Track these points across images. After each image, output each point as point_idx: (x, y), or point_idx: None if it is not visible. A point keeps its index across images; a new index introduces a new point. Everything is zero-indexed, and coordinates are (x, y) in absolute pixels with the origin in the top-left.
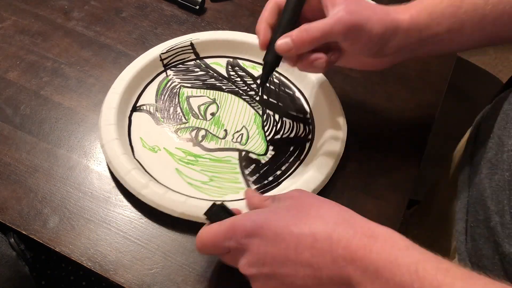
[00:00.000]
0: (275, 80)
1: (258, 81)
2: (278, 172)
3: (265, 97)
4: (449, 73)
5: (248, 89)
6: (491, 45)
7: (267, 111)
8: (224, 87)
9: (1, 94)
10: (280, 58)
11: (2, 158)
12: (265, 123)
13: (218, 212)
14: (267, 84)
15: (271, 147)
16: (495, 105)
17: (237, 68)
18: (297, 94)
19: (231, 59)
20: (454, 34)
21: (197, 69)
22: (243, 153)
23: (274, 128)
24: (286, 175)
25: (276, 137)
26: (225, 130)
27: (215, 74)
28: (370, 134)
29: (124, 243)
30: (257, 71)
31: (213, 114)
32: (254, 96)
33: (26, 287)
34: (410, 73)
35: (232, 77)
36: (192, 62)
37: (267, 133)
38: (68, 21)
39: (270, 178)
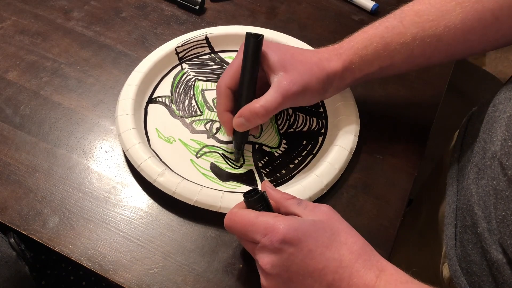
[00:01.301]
0: None
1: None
2: (291, 166)
3: None
4: (449, 73)
5: None
6: (422, 68)
7: None
8: None
9: (1, 94)
10: (246, 135)
11: (2, 158)
12: (278, 117)
13: (258, 199)
14: None
15: (284, 141)
16: (482, 107)
17: None
18: None
19: None
20: (385, 69)
21: (212, 63)
22: (257, 145)
23: (288, 121)
24: (299, 168)
25: (289, 130)
26: None
27: None
28: (370, 134)
29: (123, 243)
30: None
31: None
32: None
33: (26, 287)
34: (410, 73)
35: None
36: (207, 56)
37: (280, 127)
38: (68, 21)
39: (283, 171)
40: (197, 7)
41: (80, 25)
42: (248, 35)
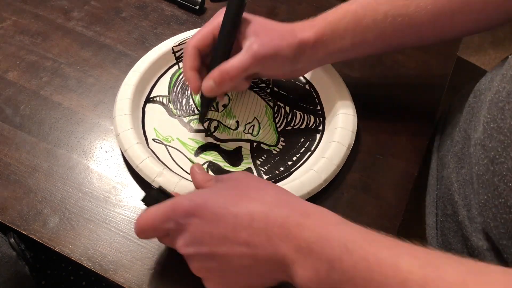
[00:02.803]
0: None
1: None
2: (289, 163)
3: (275, 89)
4: (449, 73)
5: (259, 81)
6: (395, 51)
7: (278, 103)
8: None
9: (1, 94)
10: (215, 97)
11: (2, 158)
12: (276, 115)
13: (156, 196)
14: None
15: (282, 138)
16: (462, 98)
17: None
18: (307, 86)
19: None
20: (358, 46)
21: None
22: (255, 144)
23: (285, 119)
24: (297, 165)
25: (287, 128)
26: (237, 121)
27: None
28: (370, 134)
29: (124, 243)
30: None
31: (225, 106)
32: (265, 89)
33: (26, 287)
34: (410, 73)
35: None
36: None
37: (278, 125)
38: (68, 21)
39: (281, 169)
40: (197, 7)
41: (80, 25)
42: None
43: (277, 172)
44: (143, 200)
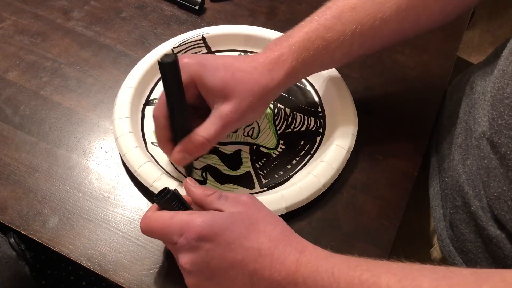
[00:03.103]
0: None
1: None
2: (289, 166)
3: None
4: (449, 73)
5: None
6: (356, 60)
7: (278, 105)
8: None
9: (1, 94)
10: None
11: (1, 158)
12: (276, 117)
13: (170, 199)
14: None
15: (282, 141)
16: (453, 90)
17: None
18: (308, 87)
19: (242, 53)
20: (325, 66)
21: None
22: (254, 147)
23: (285, 122)
24: (297, 169)
25: (287, 131)
26: None
27: None
28: (370, 134)
29: (123, 243)
30: None
31: None
32: None
33: (26, 287)
34: (410, 73)
35: None
36: None
37: (278, 127)
38: (68, 21)
39: (281, 172)
40: (197, 7)
41: (80, 25)
42: (160, 62)
43: (276, 176)
44: (156, 197)
